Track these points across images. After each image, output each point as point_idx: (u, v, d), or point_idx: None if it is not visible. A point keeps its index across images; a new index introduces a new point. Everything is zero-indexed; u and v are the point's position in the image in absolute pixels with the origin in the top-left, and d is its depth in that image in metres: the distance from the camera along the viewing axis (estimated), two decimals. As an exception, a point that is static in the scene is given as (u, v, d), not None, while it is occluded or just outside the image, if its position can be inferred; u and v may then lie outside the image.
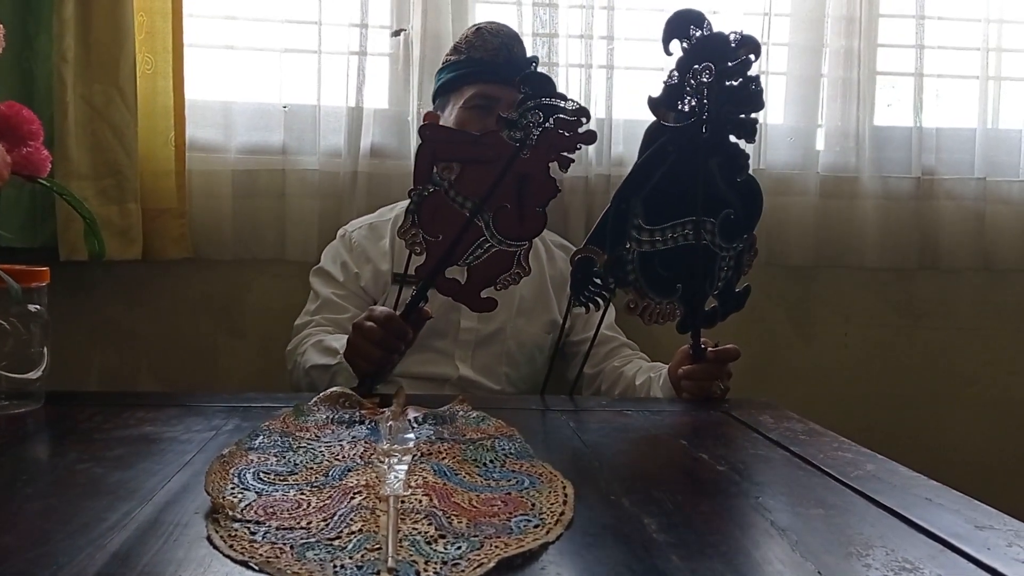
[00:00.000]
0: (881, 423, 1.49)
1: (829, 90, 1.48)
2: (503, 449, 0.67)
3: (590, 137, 0.88)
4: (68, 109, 1.26)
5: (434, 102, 1.26)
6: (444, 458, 0.64)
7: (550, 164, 0.87)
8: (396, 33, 1.41)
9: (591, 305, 0.95)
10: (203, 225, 1.38)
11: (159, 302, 1.40)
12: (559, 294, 1.25)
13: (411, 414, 0.78)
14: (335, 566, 0.43)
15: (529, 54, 1.27)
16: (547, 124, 0.86)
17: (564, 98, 0.87)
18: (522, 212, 0.87)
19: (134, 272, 1.38)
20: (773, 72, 1.46)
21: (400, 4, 1.40)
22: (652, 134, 0.91)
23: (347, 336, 0.96)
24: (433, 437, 0.70)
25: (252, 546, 0.46)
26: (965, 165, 1.50)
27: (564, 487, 0.58)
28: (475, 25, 1.23)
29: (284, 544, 0.46)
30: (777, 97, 1.47)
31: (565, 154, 0.87)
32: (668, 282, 0.93)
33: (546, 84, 0.87)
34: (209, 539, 0.48)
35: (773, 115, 1.47)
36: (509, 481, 0.59)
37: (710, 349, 0.97)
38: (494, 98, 1.17)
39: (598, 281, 0.93)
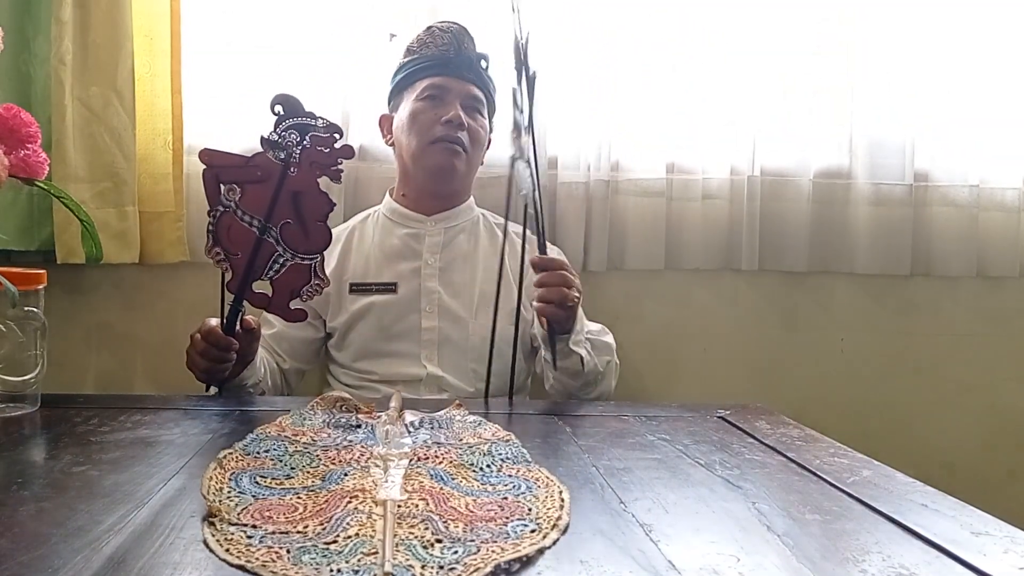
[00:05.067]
0: (877, 429, 1.50)
1: (823, 96, 1.49)
2: (500, 454, 0.67)
3: (348, 152, 0.92)
4: (66, 112, 1.26)
5: (388, 105, 1.29)
6: (441, 462, 0.64)
7: (319, 179, 0.92)
8: (392, 37, 1.41)
9: None
10: (200, 228, 1.36)
11: (156, 305, 1.40)
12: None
13: (408, 418, 0.78)
14: (331, 570, 0.43)
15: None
16: (304, 143, 0.91)
17: (314, 116, 0.92)
18: (305, 227, 0.92)
19: (131, 275, 1.38)
20: (767, 77, 1.47)
21: (394, 8, 1.40)
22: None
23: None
24: (430, 441, 0.70)
25: (248, 550, 0.46)
26: (959, 172, 1.51)
27: (560, 492, 0.58)
28: (427, 25, 1.25)
29: (280, 548, 0.46)
30: (771, 103, 1.48)
31: (333, 168, 0.91)
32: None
33: (297, 105, 0.92)
34: (205, 543, 0.48)
35: (767, 121, 1.48)
36: (506, 486, 0.59)
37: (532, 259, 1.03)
38: (446, 88, 1.20)
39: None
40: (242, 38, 1.40)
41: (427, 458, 0.65)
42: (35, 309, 0.82)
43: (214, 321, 0.96)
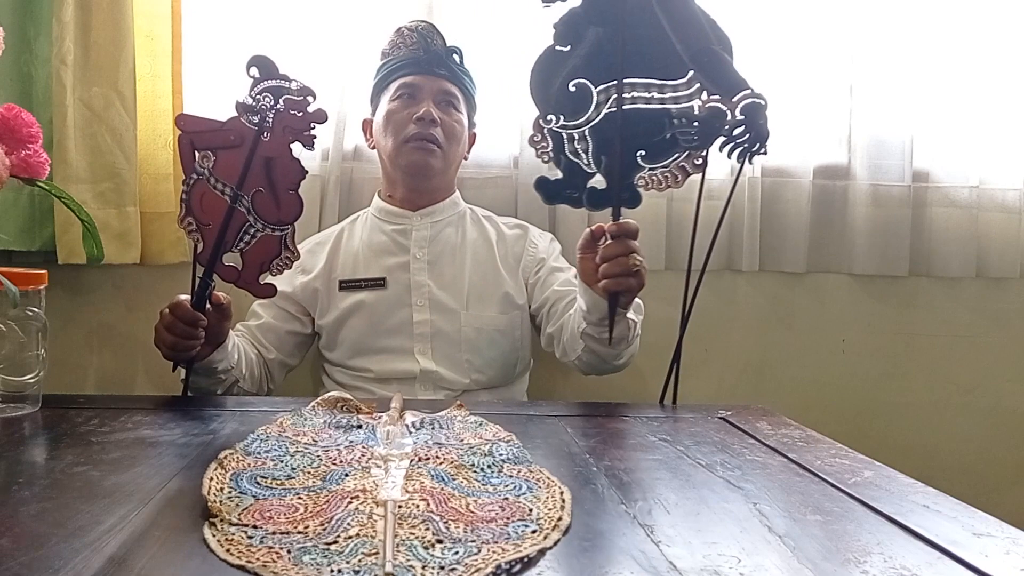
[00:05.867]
0: (878, 430, 1.50)
1: (822, 96, 1.48)
2: (500, 454, 0.67)
3: (321, 116, 0.90)
4: (67, 112, 1.26)
5: (371, 109, 1.31)
6: (441, 463, 0.63)
7: (292, 145, 0.90)
8: None
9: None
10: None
11: (157, 306, 1.37)
12: (512, 273, 1.26)
13: (409, 419, 0.78)
14: (332, 570, 0.43)
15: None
16: (279, 106, 0.89)
17: (288, 79, 0.90)
18: (276, 196, 0.90)
19: (132, 276, 1.38)
20: (766, 77, 1.46)
21: (393, 9, 1.40)
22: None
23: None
24: (431, 442, 0.70)
25: (249, 550, 0.46)
26: (959, 172, 1.51)
27: (561, 492, 0.58)
28: (397, 27, 1.27)
29: (281, 548, 0.46)
30: (771, 101, 1.47)
31: (306, 134, 0.90)
32: None
33: (271, 67, 0.90)
34: (206, 543, 0.48)
35: (768, 120, 1.47)
36: (507, 486, 0.59)
37: (608, 226, 0.95)
38: (417, 87, 1.22)
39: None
40: (242, 39, 1.40)
41: (428, 458, 0.64)
42: (36, 309, 0.82)
43: (184, 296, 0.95)
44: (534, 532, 0.50)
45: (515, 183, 1.44)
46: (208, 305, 0.95)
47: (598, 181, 0.96)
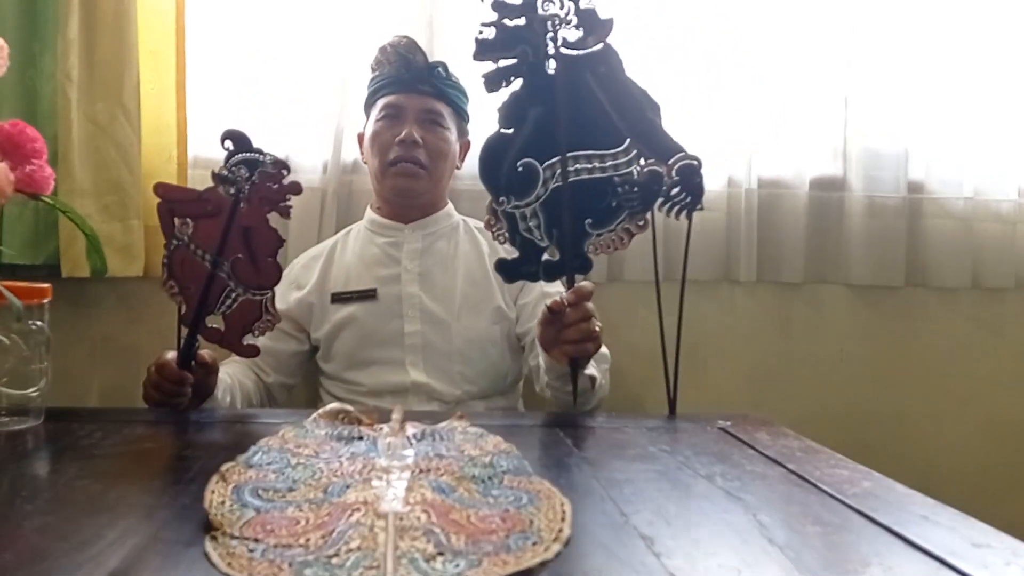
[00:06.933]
0: (876, 440, 1.49)
1: (818, 108, 1.50)
2: (501, 466, 0.67)
3: (296, 188, 0.93)
4: (72, 127, 1.27)
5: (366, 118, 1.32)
6: (443, 475, 0.64)
7: (269, 215, 0.93)
8: None
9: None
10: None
11: (160, 319, 1.40)
12: (502, 285, 1.26)
13: (409, 431, 0.78)
14: (333, 583, 0.43)
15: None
16: (254, 178, 0.92)
17: (262, 152, 0.93)
18: (256, 263, 0.93)
19: (136, 289, 1.39)
20: (764, 87, 1.48)
21: (392, 24, 1.42)
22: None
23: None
24: (431, 454, 0.70)
25: (250, 563, 0.46)
26: (954, 183, 1.52)
27: (562, 504, 0.58)
28: (382, 43, 1.27)
29: (282, 562, 0.46)
30: (767, 114, 1.48)
31: (282, 204, 0.92)
32: None
33: (245, 140, 0.93)
34: (207, 557, 0.48)
35: (764, 132, 1.48)
36: (507, 498, 0.59)
37: (566, 295, 0.96)
38: (400, 107, 1.23)
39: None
40: (244, 53, 1.42)
41: (429, 470, 0.65)
42: (40, 323, 0.83)
43: (170, 355, 0.96)
44: (535, 544, 0.50)
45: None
46: (193, 362, 0.96)
47: (551, 252, 0.98)
